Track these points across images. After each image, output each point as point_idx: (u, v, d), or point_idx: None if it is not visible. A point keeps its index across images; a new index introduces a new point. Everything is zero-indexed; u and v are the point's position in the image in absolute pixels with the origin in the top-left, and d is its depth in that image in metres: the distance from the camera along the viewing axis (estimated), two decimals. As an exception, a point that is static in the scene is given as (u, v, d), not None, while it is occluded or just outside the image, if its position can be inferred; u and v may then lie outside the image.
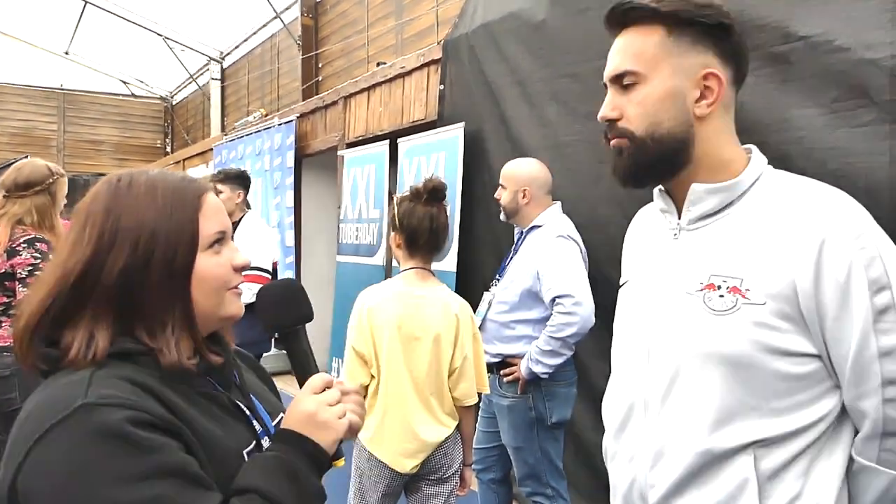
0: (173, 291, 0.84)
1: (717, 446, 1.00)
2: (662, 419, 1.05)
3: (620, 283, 1.22)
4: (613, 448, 1.17)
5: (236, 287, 0.94)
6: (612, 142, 1.08)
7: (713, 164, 1.06)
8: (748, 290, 0.97)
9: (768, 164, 1.09)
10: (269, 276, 3.83)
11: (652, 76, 1.03)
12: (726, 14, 1.04)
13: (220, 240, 0.91)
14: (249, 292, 3.69)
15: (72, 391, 0.75)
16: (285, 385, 6.22)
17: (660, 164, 1.06)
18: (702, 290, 1.02)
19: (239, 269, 0.93)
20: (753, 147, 1.10)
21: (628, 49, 1.06)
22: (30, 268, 2.49)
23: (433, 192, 2.19)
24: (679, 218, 1.10)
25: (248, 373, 1.08)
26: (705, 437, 1.00)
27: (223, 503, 0.78)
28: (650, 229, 1.19)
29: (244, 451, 0.89)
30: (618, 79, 1.06)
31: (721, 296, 0.99)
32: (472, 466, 2.86)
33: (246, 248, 3.91)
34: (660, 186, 1.14)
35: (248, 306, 3.49)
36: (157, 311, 0.83)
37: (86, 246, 0.83)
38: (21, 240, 2.50)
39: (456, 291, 3.97)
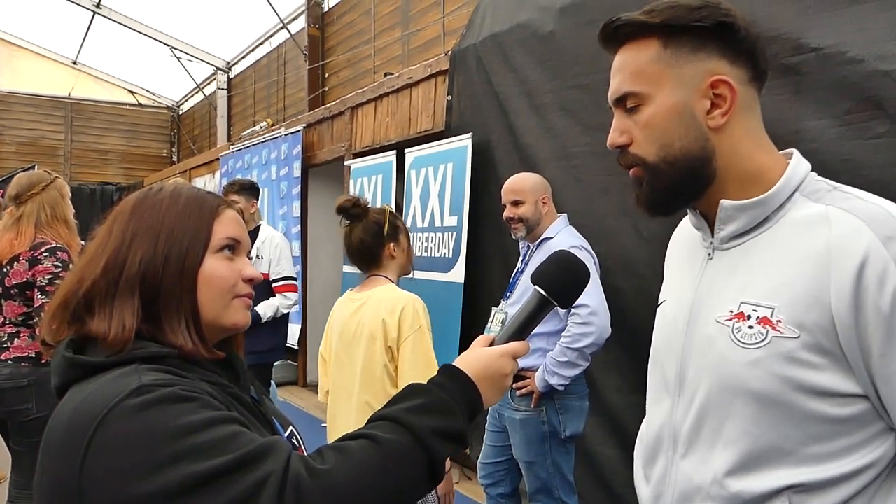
0: (183, 288, 0.88)
1: (746, 490, 0.90)
2: (691, 458, 0.97)
3: (659, 301, 1.14)
4: (642, 486, 1.09)
5: (245, 297, 0.95)
6: (630, 171, 1.01)
7: (741, 175, 0.96)
8: (779, 320, 0.87)
9: None
10: (296, 284, 3.91)
11: (654, 94, 0.95)
12: (726, 11, 0.94)
13: (233, 247, 0.94)
14: (273, 305, 3.68)
15: (124, 380, 0.79)
16: (290, 395, 6.22)
17: (681, 187, 0.97)
18: (731, 318, 0.93)
19: (248, 280, 0.95)
20: (795, 152, 0.98)
21: (626, 69, 0.98)
22: (50, 276, 2.55)
23: (339, 212, 2.22)
24: (712, 235, 1.01)
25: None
26: (735, 480, 0.91)
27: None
28: (690, 244, 1.10)
29: None
30: (620, 102, 0.99)
31: (750, 326, 0.89)
32: (481, 481, 2.83)
33: (276, 259, 3.98)
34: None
35: (272, 318, 3.37)
36: (172, 304, 0.88)
37: (113, 238, 0.90)
38: (43, 249, 2.57)
39: (464, 303, 3.97)
